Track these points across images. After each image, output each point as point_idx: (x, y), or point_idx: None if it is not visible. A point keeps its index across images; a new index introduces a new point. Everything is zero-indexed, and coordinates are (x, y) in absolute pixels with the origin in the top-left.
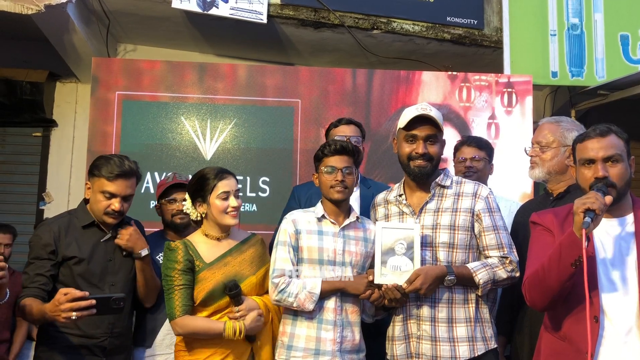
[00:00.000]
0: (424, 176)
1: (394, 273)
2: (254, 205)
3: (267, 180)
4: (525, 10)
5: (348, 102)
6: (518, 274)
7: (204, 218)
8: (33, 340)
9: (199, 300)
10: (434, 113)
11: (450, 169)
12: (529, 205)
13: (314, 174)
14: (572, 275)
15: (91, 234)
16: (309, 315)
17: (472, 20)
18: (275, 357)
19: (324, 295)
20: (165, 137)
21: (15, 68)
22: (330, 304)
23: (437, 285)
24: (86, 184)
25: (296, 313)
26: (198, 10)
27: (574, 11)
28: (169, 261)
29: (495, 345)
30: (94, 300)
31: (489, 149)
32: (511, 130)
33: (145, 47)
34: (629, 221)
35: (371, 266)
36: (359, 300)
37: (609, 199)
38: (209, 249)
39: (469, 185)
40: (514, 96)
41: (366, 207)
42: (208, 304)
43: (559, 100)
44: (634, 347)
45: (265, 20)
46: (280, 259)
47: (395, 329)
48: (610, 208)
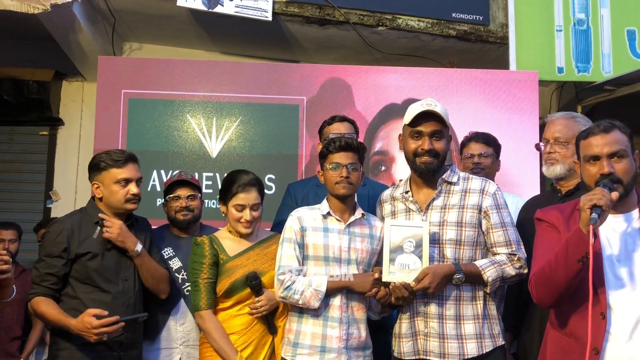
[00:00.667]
0: (430, 172)
1: (402, 271)
2: None
3: (273, 177)
4: (531, 5)
5: (353, 100)
6: (526, 271)
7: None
8: (46, 345)
9: (222, 292)
10: (439, 108)
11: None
12: (535, 202)
13: (319, 171)
14: (579, 272)
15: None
16: (315, 312)
17: (478, 16)
18: (282, 355)
19: (330, 293)
20: (171, 135)
21: (22, 67)
22: (336, 301)
23: (446, 283)
24: (93, 185)
25: (302, 310)
26: (203, 8)
27: (580, 6)
28: (196, 255)
29: (503, 342)
30: (123, 323)
31: (496, 145)
32: (517, 126)
33: (150, 46)
34: (635, 217)
35: (377, 263)
36: (365, 297)
37: (615, 194)
38: (232, 244)
39: (476, 182)
40: (519, 92)
41: (362, 206)
42: (230, 295)
43: (565, 96)
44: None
45: (270, 18)
46: (285, 256)
47: (402, 326)
48: (615, 204)
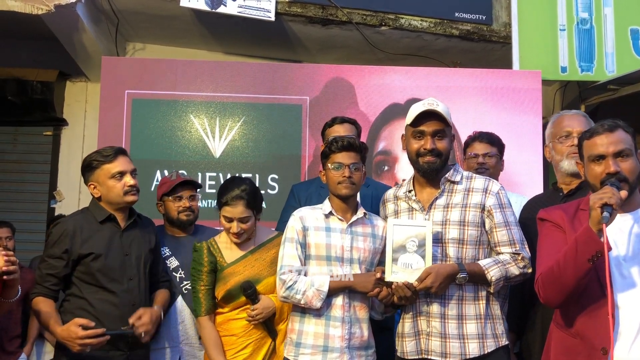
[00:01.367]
0: (433, 172)
1: (405, 271)
2: (263, 202)
3: (276, 177)
4: (534, 5)
5: (356, 99)
6: (530, 270)
7: None
8: (45, 340)
9: (219, 298)
10: (441, 108)
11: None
12: (537, 201)
13: (321, 171)
14: (589, 271)
15: (107, 229)
16: (317, 312)
17: (481, 16)
18: (285, 354)
19: (332, 293)
20: (175, 135)
21: (26, 68)
22: (339, 300)
23: (449, 283)
24: (90, 185)
25: (304, 310)
26: (206, 8)
27: (583, 5)
28: (194, 262)
29: (506, 342)
30: (108, 337)
31: (500, 145)
32: (520, 126)
33: (154, 46)
34: (634, 217)
35: (380, 263)
36: (367, 296)
37: (624, 193)
38: (231, 249)
39: (479, 181)
40: (523, 92)
41: (366, 207)
42: (227, 302)
43: (568, 95)
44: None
45: (273, 18)
46: (287, 255)
47: (405, 325)
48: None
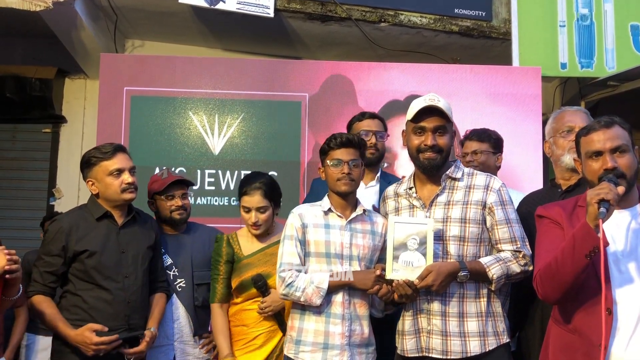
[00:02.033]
0: (433, 168)
1: (406, 269)
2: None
3: (275, 174)
4: (534, 1)
5: (355, 96)
6: (531, 268)
7: None
8: (36, 334)
9: (233, 287)
10: (442, 104)
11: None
12: (534, 196)
13: (320, 168)
14: (587, 267)
15: (103, 227)
16: (317, 309)
17: (480, 12)
18: (285, 352)
19: (332, 290)
20: (174, 133)
21: (24, 65)
22: (339, 297)
23: (450, 281)
24: (88, 182)
25: (304, 307)
26: (205, 5)
27: (583, 1)
28: (214, 252)
29: (507, 340)
30: (121, 340)
31: (493, 140)
32: (520, 122)
33: (153, 43)
34: (637, 211)
35: (379, 260)
36: (367, 293)
37: (621, 189)
38: (248, 243)
39: (480, 178)
40: (522, 88)
41: None
42: (241, 292)
43: (568, 91)
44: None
45: (272, 14)
46: (287, 253)
47: (406, 323)
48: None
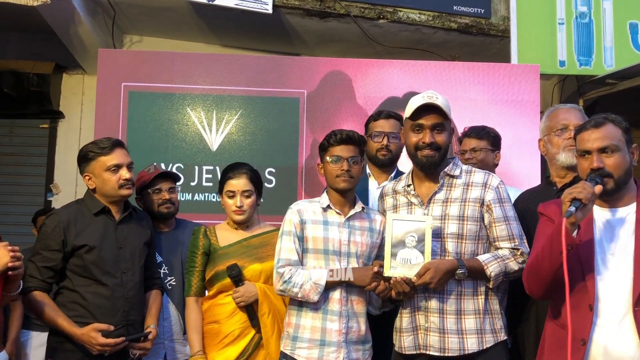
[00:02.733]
0: (431, 166)
1: (404, 266)
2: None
3: (273, 171)
4: None
5: (354, 93)
6: None
7: None
8: (30, 330)
9: (207, 279)
10: (440, 101)
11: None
12: (530, 194)
13: (319, 164)
14: (561, 263)
15: (101, 222)
16: (314, 306)
17: (479, 9)
18: (281, 348)
19: (329, 287)
20: (172, 129)
21: (22, 60)
22: (336, 294)
23: (448, 279)
24: (85, 177)
25: (301, 304)
26: (203, 0)
27: None
28: (191, 244)
29: (505, 337)
30: (127, 342)
31: (490, 138)
32: (518, 120)
33: (151, 39)
34: (631, 210)
35: (377, 257)
36: (365, 291)
37: (598, 188)
38: (226, 234)
39: (479, 175)
40: (521, 86)
41: None
42: (213, 283)
43: (566, 89)
44: (626, 335)
45: (270, 11)
46: (285, 249)
47: (403, 320)
48: (612, 198)
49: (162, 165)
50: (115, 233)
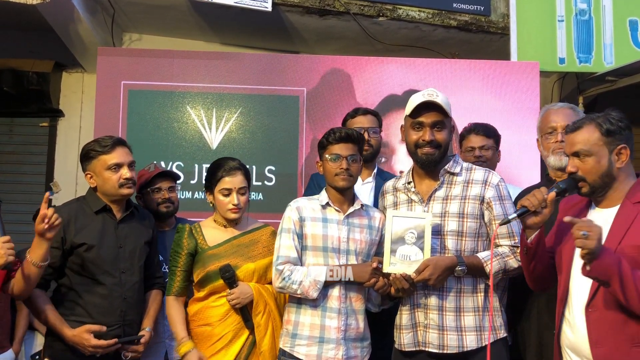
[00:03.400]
0: (431, 164)
1: (403, 262)
2: (260, 194)
3: (273, 169)
4: None
5: (353, 91)
6: None
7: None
8: (36, 331)
9: (196, 281)
10: (440, 99)
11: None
12: (529, 191)
13: (318, 162)
14: (530, 261)
15: (101, 220)
16: (313, 303)
17: (479, 7)
18: (280, 346)
19: (329, 283)
20: (171, 127)
21: (22, 58)
22: (335, 292)
23: (447, 275)
24: (86, 175)
25: (300, 301)
26: None
27: None
28: (175, 243)
29: (504, 335)
30: (119, 345)
31: (496, 136)
32: (518, 117)
33: (150, 37)
34: (613, 213)
35: (377, 254)
36: (364, 288)
37: (551, 195)
38: (214, 233)
39: (479, 172)
40: (520, 83)
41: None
42: (205, 285)
43: (566, 86)
44: (581, 325)
45: (270, 8)
46: (284, 246)
47: (403, 317)
48: (601, 198)
49: (162, 163)
50: (115, 232)
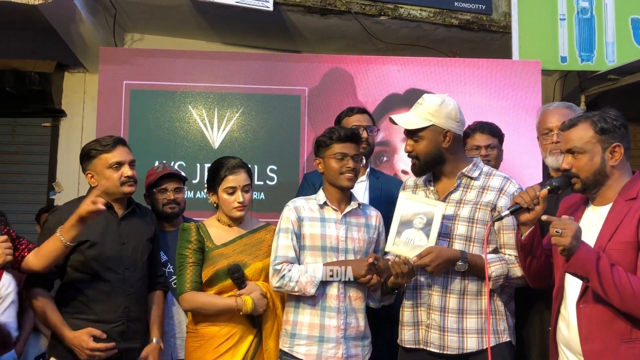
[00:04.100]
0: (416, 172)
1: (407, 245)
2: (262, 193)
3: (275, 168)
4: None
5: (355, 90)
6: None
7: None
8: (41, 333)
9: (204, 280)
10: (412, 115)
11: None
12: None
13: (318, 160)
14: (525, 257)
15: (104, 218)
16: (312, 302)
17: (480, 5)
18: (280, 346)
19: (326, 282)
20: (173, 126)
21: (24, 59)
22: (334, 290)
23: (447, 266)
24: (87, 175)
25: (299, 301)
26: None
27: None
28: (182, 240)
29: (508, 339)
30: (116, 350)
31: (500, 135)
32: (519, 116)
33: (152, 37)
34: (607, 210)
35: (375, 252)
36: (363, 286)
37: (543, 192)
38: (219, 232)
39: (496, 179)
40: (522, 82)
41: (375, 199)
42: (213, 284)
43: (568, 85)
44: (574, 321)
45: (271, 8)
46: (282, 246)
47: (405, 314)
48: (595, 196)
49: (164, 163)
50: (118, 229)
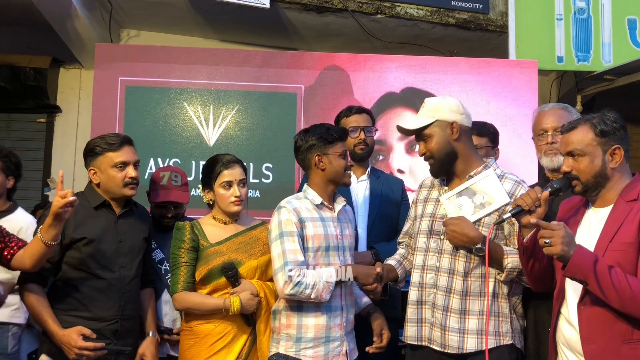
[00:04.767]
0: (433, 173)
1: (455, 206)
2: (257, 191)
3: (270, 166)
4: None
5: (351, 88)
6: None
7: (214, 202)
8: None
9: (199, 278)
10: (416, 120)
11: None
12: None
13: (318, 156)
14: (528, 259)
15: (102, 215)
16: (316, 304)
17: (477, 5)
18: (283, 351)
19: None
20: (168, 123)
21: (19, 54)
22: (337, 290)
23: (464, 242)
24: (90, 170)
25: (301, 304)
26: None
27: None
28: (176, 239)
29: (510, 342)
30: (105, 351)
31: (490, 134)
32: (516, 115)
33: (148, 33)
34: (608, 212)
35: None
36: (364, 289)
37: (545, 194)
38: (214, 231)
39: (508, 184)
40: (519, 81)
41: (375, 197)
42: (207, 282)
43: (564, 85)
44: (575, 322)
45: (268, 5)
46: (290, 251)
47: (409, 311)
48: (595, 198)
49: (159, 160)
50: (115, 227)
